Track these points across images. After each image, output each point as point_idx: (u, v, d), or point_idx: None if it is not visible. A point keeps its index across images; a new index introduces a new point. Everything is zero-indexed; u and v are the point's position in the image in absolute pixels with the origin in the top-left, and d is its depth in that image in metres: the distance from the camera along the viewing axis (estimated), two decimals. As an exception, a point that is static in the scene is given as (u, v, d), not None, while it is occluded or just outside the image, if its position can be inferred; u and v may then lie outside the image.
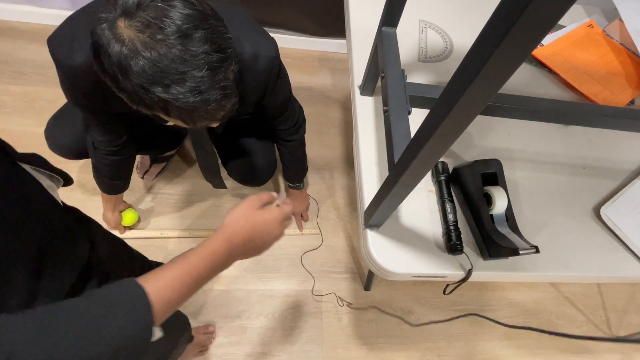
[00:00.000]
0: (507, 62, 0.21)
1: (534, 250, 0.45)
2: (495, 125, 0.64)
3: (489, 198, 0.49)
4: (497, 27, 0.20)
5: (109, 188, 0.91)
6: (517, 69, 0.22)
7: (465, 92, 0.24)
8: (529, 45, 0.20)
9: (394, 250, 0.49)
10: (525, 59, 0.22)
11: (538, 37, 0.20)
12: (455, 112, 0.26)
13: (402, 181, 0.36)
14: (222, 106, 0.43)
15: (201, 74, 0.39)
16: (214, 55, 0.39)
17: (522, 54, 0.21)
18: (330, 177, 1.37)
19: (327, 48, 1.64)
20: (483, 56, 0.22)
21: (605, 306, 1.30)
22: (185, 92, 0.39)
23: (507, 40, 0.20)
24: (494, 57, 0.21)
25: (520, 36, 0.20)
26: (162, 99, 0.39)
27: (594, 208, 0.58)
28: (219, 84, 0.41)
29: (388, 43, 0.49)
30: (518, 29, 0.19)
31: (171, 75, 0.38)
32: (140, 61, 0.37)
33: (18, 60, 1.36)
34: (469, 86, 0.23)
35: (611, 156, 0.64)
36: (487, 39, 0.21)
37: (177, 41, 0.37)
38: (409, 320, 1.18)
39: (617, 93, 0.72)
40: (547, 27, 0.19)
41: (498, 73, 0.22)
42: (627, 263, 0.54)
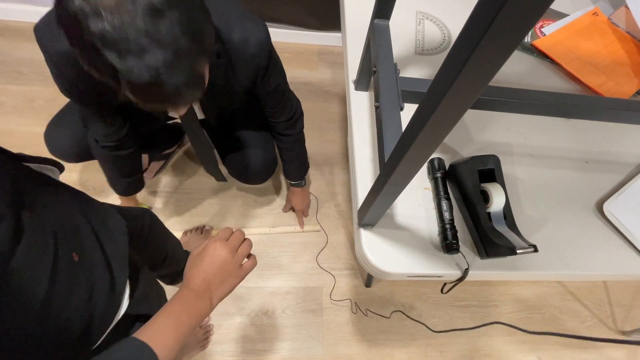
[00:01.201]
0: (495, 52, 0.20)
1: (532, 250, 0.43)
2: (495, 119, 0.62)
3: (486, 195, 0.48)
4: (483, 15, 0.19)
5: (124, 188, 0.90)
6: (506, 59, 0.21)
7: (453, 85, 0.22)
8: (517, 34, 0.19)
9: (389, 250, 0.48)
10: (513, 50, 0.20)
11: (526, 25, 0.18)
12: (443, 106, 0.24)
13: (392, 180, 0.35)
14: (180, 95, 0.40)
15: (164, 55, 0.36)
16: (183, 40, 0.37)
17: (510, 44, 0.20)
18: (330, 173, 1.36)
19: (327, 42, 1.61)
20: (470, 46, 0.20)
21: (610, 301, 1.28)
22: (141, 67, 0.36)
23: (493, 28, 0.18)
24: (481, 47, 0.20)
25: (507, 24, 0.18)
26: (113, 67, 0.36)
27: (596, 204, 0.56)
28: (182, 72, 0.38)
29: (380, 36, 0.47)
30: (504, 16, 0.18)
31: (131, 44, 0.35)
32: (99, 23, 0.34)
33: (16, 60, 1.36)
34: (456, 79, 0.22)
35: (614, 150, 0.62)
36: (474, 27, 0.20)
37: (146, 15, 0.35)
38: (429, 325, 1.15)
39: (622, 84, 0.70)
40: (535, 13, 0.18)
41: (486, 64, 0.21)
42: (631, 261, 0.52)
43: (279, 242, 1.21)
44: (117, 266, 0.45)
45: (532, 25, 0.19)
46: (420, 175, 0.54)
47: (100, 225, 0.45)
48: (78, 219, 0.42)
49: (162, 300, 0.63)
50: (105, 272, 0.42)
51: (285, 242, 1.22)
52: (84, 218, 0.43)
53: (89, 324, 0.39)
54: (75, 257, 0.38)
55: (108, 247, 0.44)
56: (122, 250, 0.47)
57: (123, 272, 0.46)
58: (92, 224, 0.44)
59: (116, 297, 0.44)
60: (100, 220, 0.46)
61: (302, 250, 1.21)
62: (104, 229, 0.46)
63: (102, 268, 0.42)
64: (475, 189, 0.48)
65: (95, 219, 0.45)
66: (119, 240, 0.48)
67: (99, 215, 0.47)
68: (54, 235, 0.36)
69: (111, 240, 0.46)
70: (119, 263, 0.45)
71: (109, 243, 0.45)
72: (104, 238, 0.44)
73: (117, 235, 0.48)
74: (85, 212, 0.44)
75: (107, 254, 0.43)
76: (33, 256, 0.33)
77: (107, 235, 0.45)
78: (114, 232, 0.47)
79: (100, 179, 1.20)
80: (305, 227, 1.24)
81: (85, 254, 0.40)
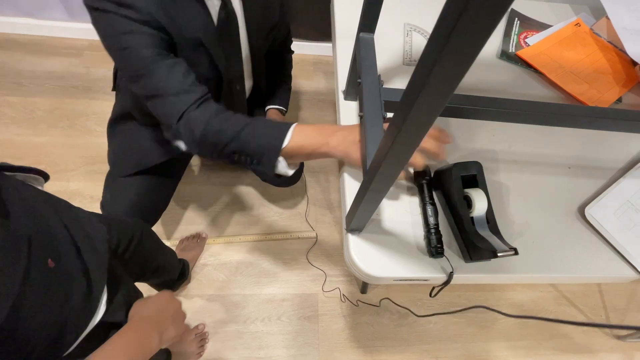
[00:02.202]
0: (453, 66, 0.22)
1: (513, 252, 0.45)
2: (480, 127, 0.64)
3: (469, 200, 0.49)
4: (441, 31, 0.21)
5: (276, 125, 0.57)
6: (465, 72, 0.22)
7: (420, 95, 0.24)
8: (472, 48, 0.21)
9: (376, 254, 0.50)
10: (471, 63, 0.22)
11: (478, 41, 0.20)
12: (413, 115, 0.26)
13: (373, 186, 0.36)
14: None
15: None
16: None
17: (468, 58, 0.21)
18: (325, 180, 1.38)
19: (322, 52, 1.65)
20: (431, 59, 0.22)
21: (605, 305, 1.29)
22: None
23: (450, 42, 0.20)
24: (440, 62, 0.21)
25: (461, 40, 0.20)
26: None
27: (578, 208, 0.57)
28: None
29: (365, 49, 0.49)
30: (458, 32, 0.19)
31: None
32: None
33: (16, 72, 1.39)
34: (422, 89, 0.24)
35: (597, 155, 0.64)
36: (434, 43, 0.22)
37: None
38: (407, 320, 1.17)
39: (603, 91, 0.72)
40: (485, 31, 0.20)
41: (447, 77, 0.22)
42: (612, 263, 0.53)
43: (274, 249, 1.23)
44: (95, 273, 0.46)
45: (481, 46, 0.20)
46: (407, 182, 0.56)
47: (80, 232, 0.47)
48: (55, 226, 0.43)
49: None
50: (82, 278, 0.43)
51: (281, 249, 1.23)
52: (63, 225, 0.44)
53: (62, 329, 0.40)
54: (50, 263, 0.39)
55: (87, 254, 0.45)
56: (102, 257, 0.48)
57: (101, 279, 0.47)
58: (70, 231, 0.45)
59: (92, 303, 0.45)
60: (80, 227, 0.48)
61: (297, 257, 1.22)
62: (84, 237, 0.47)
63: (79, 274, 0.43)
64: (458, 195, 0.49)
65: (74, 227, 0.46)
66: (99, 247, 0.49)
67: (79, 223, 0.48)
68: (28, 242, 0.37)
69: (90, 247, 0.47)
70: (97, 270, 0.46)
71: (87, 250, 0.46)
72: (83, 245, 0.46)
73: (97, 243, 0.49)
74: (64, 220, 0.45)
75: (85, 261, 0.45)
76: (4, 261, 0.34)
77: (86, 243, 0.46)
78: (94, 240, 0.48)
79: (98, 188, 1.22)
80: (300, 234, 1.26)
81: (62, 260, 0.41)
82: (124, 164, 0.86)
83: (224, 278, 1.16)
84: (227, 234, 1.23)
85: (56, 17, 1.43)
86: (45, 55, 1.45)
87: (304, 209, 1.31)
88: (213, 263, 1.18)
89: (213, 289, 1.14)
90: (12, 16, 1.43)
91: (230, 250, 1.20)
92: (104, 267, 0.48)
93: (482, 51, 0.22)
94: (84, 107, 1.35)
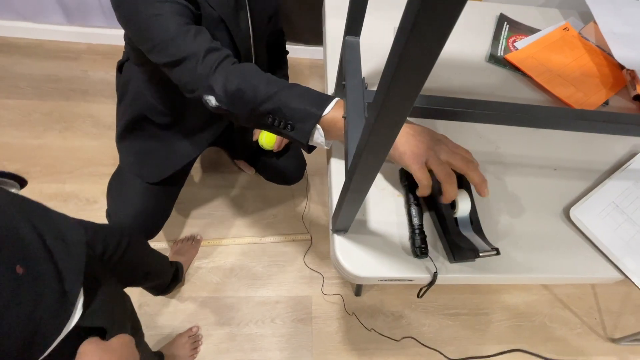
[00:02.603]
0: (416, 65, 0.22)
1: (495, 252, 0.45)
2: (468, 128, 0.65)
3: (453, 202, 0.50)
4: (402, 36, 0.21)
5: (309, 96, 0.53)
6: (427, 72, 0.23)
7: (388, 96, 0.25)
8: (431, 48, 0.21)
9: (361, 255, 0.50)
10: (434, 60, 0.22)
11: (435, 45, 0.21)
12: (382, 116, 0.27)
13: (353, 187, 0.37)
14: None
15: None
16: None
17: (428, 60, 0.22)
18: (320, 183, 1.39)
19: (318, 56, 1.66)
20: (395, 60, 0.23)
21: (599, 308, 1.29)
22: None
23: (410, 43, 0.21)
24: (400, 67, 0.22)
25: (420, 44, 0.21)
26: None
27: (563, 209, 0.58)
28: None
29: (350, 52, 0.50)
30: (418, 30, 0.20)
31: None
32: None
33: (14, 75, 1.40)
34: (389, 90, 0.24)
35: (583, 157, 0.64)
36: (396, 46, 0.23)
37: None
38: (401, 323, 1.17)
39: (590, 94, 0.73)
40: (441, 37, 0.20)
41: (411, 77, 0.23)
42: (596, 264, 0.54)
43: (268, 251, 1.23)
44: (70, 277, 0.45)
45: (440, 48, 0.21)
46: (394, 182, 0.57)
47: (55, 236, 0.46)
48: (25, 231, 0.43)
49: (125, 318, 0.63)
50: (55, 283, 0.43)
51: (275, 251, 1.23)
52: (34, 230, 0.44)
53: (34, 334, 0.40)
54: (19, 269, 0.39)
55: (60, 258, 0.45)
56: (78, 261, 0.48)
57: (76, 283, 0.47)
58: (43, 235, 0.45)
59: (66, 308, 0.44)
60: (56, 231, 0.47)
61: (291, 260, 1.23)
62: (59, 241, 0.46)
63: (52, 279, 0.43)
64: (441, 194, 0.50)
65: (48, 231, 0.46)
66: (74, 251, 0.48)
67: (54, 227, 0.48)
68: None
69: (66, 251, 0.47)
70: (72, 274, 0.46)
71: (61, 254, 0.46)
72: (57, 249, 0.45)
73: (74, 247, 0.49)
74: (36, 224, 0.45)
75: (58, 266, 0.44)
76: None
77: (60, 247, 0.46)
78: (69, 244, 0.48)
79: (93, 190, 1.22)
80: (294, 237, 1.26)
81: (32, 265, 0.41)
82: (151, 169, 0.87)
83: (218, 280, 1.16)
84: (222, 236, 1.24)
85: (54, 21, 1.45)
86: (43, 58, 1.46)
87: (300, 211, 1.31)
88: (207, 265, 1.18)
89: (207, 291, 1.14)
90: (11, 20, 1.44)
91: (224, 253, 1.21)
92: (79, 271, 0.48)
93: (471, 54, 0.22)
94: (81, 109, 1.37)
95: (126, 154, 0.88)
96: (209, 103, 0.54)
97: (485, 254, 0.44)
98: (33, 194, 1.19)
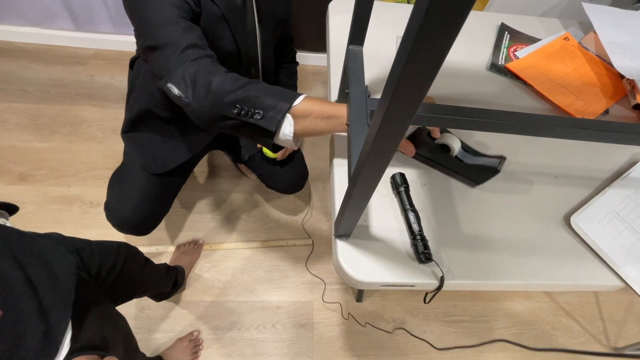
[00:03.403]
0: (419, 75, 0.23)
1: (504, 159, 0.59)
2: (468, 136, 0.65)
3: (445, 146, 0.57)
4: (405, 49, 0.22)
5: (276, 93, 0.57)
6: (431, 80, 0.24)
7: (391, 104, 0.26)
8: (434, 58, 0.22)
9: (363, 260, 0.51)
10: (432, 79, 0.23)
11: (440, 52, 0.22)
12: (385, 123, 0.28)
13: (356, 193, 0.38)
14: None
15: None
16: None
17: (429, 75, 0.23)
18: (323, 188, 1.39)
19: (321, 62, 1.68)
20: (399, 69, 0.23)
21: (602, 316, 1.28)
22: None
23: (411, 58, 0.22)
24: (407, 72, 0.23)
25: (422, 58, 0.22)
26: None
27: (564, 217, 0.58)
28: None
29: (353, 61, 0.51)
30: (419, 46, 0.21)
31: None
32: None
33: (22, 79, 1.42)
34: (392, 98, 0.25)
35: (583, 165, 0.65)
36: (399, 59, 0.23)
37: None
38: (402, 330, 1.17)
39: (591, 103, 0.73)
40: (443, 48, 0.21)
41: (414, 86, 0.24)
42: (597, 271, 0.54)
43: (270, 256, 1.23)
44: (56, 312, 0.44)
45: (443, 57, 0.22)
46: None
47: (40, 268, 0.45)
48: (7, 268, 0.42)
49: (117, 341, 0.61)
50: (39, 321, 0.42)
51: (277, 256, 1.24)
52: (16, 265, 0.43)
53: None
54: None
55: (46, 293, 0.44)
56: (66, 294, 0.47)
57: (63, 318, 0.45)
58: (26, 270, 0.43)
59: (52, 346, 0.43)
60: (42, 263, 0.46)
61: (293, 265, 1.23)
62: (45, 273, 0.45)
63: (35, 318, 0.42)
64: (434, 149, 0.57)
65: (33, 264, 0.45)
66: (63, 283, 0.47)
67: (41, 257, 0.47)
68: None
69: (52, 285, 0.45)
70: (58, 308, 0.45)
71: (47, 289, 0.44)
72: (42, 284, 0.44)
73: (62, 278, 0.47)
74: (19, 258, 0.44)
75: (42, 302, 0.43)
76: None
77: (46, 280, 0.45)
78: (57, 275, 0.47)
79: (97, 194, 1.24)
80: (297, 241, 1.26)
81: (12, 305, 0.40)
82: (155, 160, 0.88)
83: (219, 285, 1.17)
84: (224, 240, 1.24)
85: (62, 26, 1.47)
86: (51, 63, 1.48)
87: (302, 216, 1.32)
88: (209, 270, 1.19)
89: (208, 295, 1.15)
90: (20, 25, 1.47)
91: (226, 257, 1.21)
92: (67, 303, 0.46)
93: (472, 63, 0.23)
94: (87, 114, 1.38)
95: (131, 146, 0.89)
96: (171, 91, 0.54)
97: (500, 165, 0.56)
98: (38, 197, 1.21)
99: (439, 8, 0.18)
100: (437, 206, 0.56)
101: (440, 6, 0.18)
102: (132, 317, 1.09)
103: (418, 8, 0.20)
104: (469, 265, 0.52)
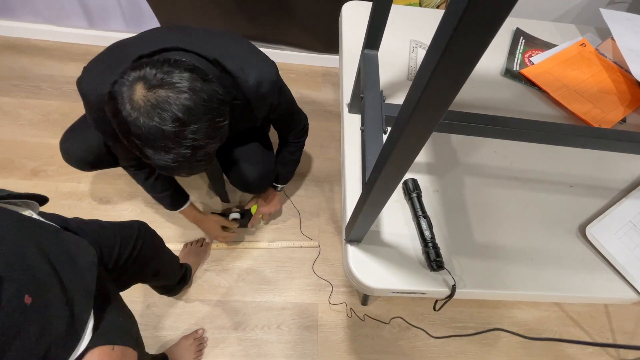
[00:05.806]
0: (443, 88, 0.23)
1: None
2: (482, 143, 0.65)
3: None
4: (434, 53, 0.22)
5: (168, 204, 0.97)
6: (456, 93, 0.23)
7: (414, 113, 0.25)
8: (460, 75, 0.22)
9: (374, 266, 0.50)
10: (461, 84, 0.23)
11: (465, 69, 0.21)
12: (407, 132, 0.27)
13: (371, 199, 0.37)
14: (194, 170, 0.57)
15: (185, 151, 0.51)
16: (202, 140, 0.51)
17: (457, 79, 0.22)
18: (330, 190, 1.39)
19: (330, 64, 1.68)
20: (424, 80, 0.23)
21: (612, 327, 1.26)
22: (167, 159, 0.52)
23: (438, 69, 0.21)
24: (431, 83, 0.23)
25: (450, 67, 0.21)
26: (147, 155, 0.52)
27: (579, 227, 0.57)
28: (198, 158, 0.53)
29: (369, 65, 0.51)
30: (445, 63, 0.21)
31: (160, 144, 0.50)
32: (140, 126, 0.49)
33: (36, 76, 1.44)
34: (416, 107, 0.25)
35: (598, 175, 0.64)
36: (426, 64, 0.23)
37: (173, 125, 0.49)
38: (407, 334, 1.16)
39: (608, 111, 0.72)
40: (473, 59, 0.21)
41: (439, 95, 0.24)
42: (612, 283, 0.53)
43: (276, 257, 1.23)
44: (80, 302, 0.45)
45: (469, 71, 0.22)
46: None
47: (65, 260, 0.46)
48: (34, 258, 0.42)
49: (133, 330, 0.61)
50: (64, 310, 0.43)
51: (283, 257, 1.23)
52: (43, 255, 0.43)
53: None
54: (27, 299, 0.38)
55: (71, 283, 0.44)
56: (88, 284, 0.47)
57: (86, 308, 0.46)
58: (52, 261, 0.44)
59: (75, 333, 0.44)
60: (66, 254, 0.47)
61: (299, 266, 1.23)
62: (68, 264, 0.46)
63: (60, 306, 0.42)
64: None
65: (58, 255, 0.45)
66: (86, 274, 0.48)
67: (66, 250, 0.47)
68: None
69: (76, 275, 0.46)
70: (82, 298, 0.45)
71: (72, 279, 0.45)
72: (67, 274, 0.45)
73: (85, 269, 0.48)
74: (45, 248, 0.44)
75: (67, 292, 0.44)
76: None
77: (71, 271, 0.45)
78: (82, 267, 0.47)
79: (107, 190, 1.25)
80: (303, 243, 1.26)
81: (40, 294, 0.40)
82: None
83: (225, 284, 1.17)
84: (232, 240, 1.25)
85: (76, 24, 1.49)
86: (64, 60, 1.50)
87: (309, 218, 1.31)
88: (215, 269, 1.19)
89: (214, 294, 1.15)
90: (35, 22, 1.49)
91: (233, 257, 1.21)
92: (89, 294, 0.47)
93: (487, 68, 0.23)
94: (98, 111, 1.40)
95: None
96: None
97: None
98: (49, 192, 1.22)
99: (476, 11, 0.18)
100: (449, 213, 0.55)
101: (479, 8, 0.18)
102: (138, 314, 1.09)
103: (452, 10, 0.20)
104: (481, 274, 0.51)
